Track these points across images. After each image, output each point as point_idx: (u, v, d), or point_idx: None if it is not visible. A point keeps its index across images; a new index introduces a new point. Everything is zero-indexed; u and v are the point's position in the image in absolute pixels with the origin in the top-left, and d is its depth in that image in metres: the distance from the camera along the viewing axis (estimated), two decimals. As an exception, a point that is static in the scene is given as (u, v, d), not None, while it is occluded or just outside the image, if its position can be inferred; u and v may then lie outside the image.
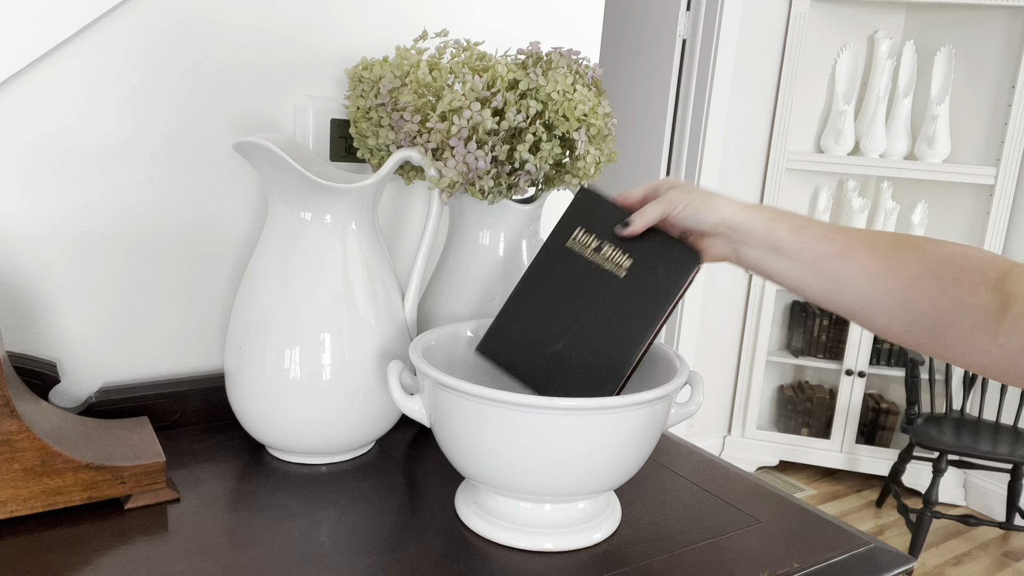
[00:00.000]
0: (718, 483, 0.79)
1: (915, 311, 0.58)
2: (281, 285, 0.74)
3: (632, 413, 0.61)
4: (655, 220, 0.66)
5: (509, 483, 0.63)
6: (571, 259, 0.69)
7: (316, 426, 0.75)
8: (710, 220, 0.64)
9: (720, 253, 0.66)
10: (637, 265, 0.66)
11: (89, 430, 0.72)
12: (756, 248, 0.64)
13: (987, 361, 0.55)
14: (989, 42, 2.54)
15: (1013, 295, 0.54)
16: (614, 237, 0.68)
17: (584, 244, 0.69)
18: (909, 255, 0.59)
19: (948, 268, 0.57)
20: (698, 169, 2.56)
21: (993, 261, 0.57)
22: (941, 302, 0.56)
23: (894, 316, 0.59)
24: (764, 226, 0.63)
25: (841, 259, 0.60)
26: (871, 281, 0.59)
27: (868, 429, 2.80)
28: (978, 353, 0.55)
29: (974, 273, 0.56)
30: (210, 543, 0.64)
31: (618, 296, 0.66)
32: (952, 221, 2.67)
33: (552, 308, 0.68)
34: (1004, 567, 2.34)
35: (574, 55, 0.78)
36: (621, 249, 0.67)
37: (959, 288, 0.56)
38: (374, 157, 0.82)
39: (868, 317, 0.61)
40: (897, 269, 0.58)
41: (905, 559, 0.67)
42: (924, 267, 0.58)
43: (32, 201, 0.76)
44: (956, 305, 0.56)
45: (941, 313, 0.56)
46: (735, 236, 0.64)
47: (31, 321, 0.78)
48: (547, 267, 0.70)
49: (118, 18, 0.76)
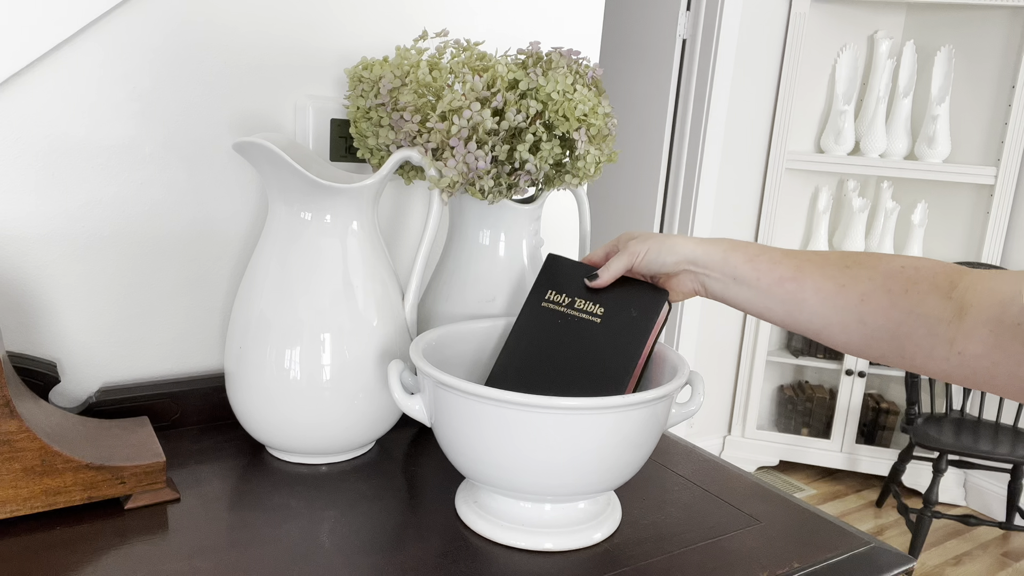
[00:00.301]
0: (718, 483, 0.79)
1: (871, 324, 0.60)
2: (281, 285, 0.74)
3: (632, 413, 0.61)
4: (620, 272, 0.71)
5: (509, 483, 0.63)
6: (549, 316, 0.73)
7: (316, 426, 0.75)
8: (671, 260, 0.68)
9: (689, 288, 0.70)
10: (610, 311, 0.71)
11: (89, 430, 0.72)
12: (718, 280, 0.67)
13: (948, 368, 0.57)
14: (989, 42, 2.54)
15: (967, 304, 0.56)
16: (584, 292, 0.72)
17: (558, 302, 0.73)
18: (858, 272, 0.62)
19: (897, 281, 0.59)
20: (698, 169, 2.56)
21: (943, 271, 0.58)
22: (893, 313, 0.59)
23: (853, 332, 0.62)
24: (721, 257, 0.67)
25: (795, 282, 0.64)
26: (825, 300, 0.62)
27: (868, 429, 2.80)
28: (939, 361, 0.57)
29: (923, 283, 0.58)
30: (210, 543, 0.64)
31: (598, 338, 0.70)
32: (952, 221, 2.67)
33: (540, 359, 0.71)
34: (1004, 567, 2.34)
35: (574, 55, 0.78)
36: (592, 301, 0.72)
37: (909, 299, 0.58)
38: (374, 157, 0.82)
39: (829, 335, 0.64)
40: (848, 287, 0.61)
41: (905, 559, 0.67)
42: (873, 282, 0.60)
43: (32, 201, 0.76)
44: (908, 315, 0.58)
45: (896, 324, 0.59)
46: (697, 270, 0.68)
47: (31, 321, 0.78)
48: (529, 326, 0.73)
49: (119, 18, 0.76)
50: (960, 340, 0.55)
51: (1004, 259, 2.53)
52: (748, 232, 2.74)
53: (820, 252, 0.65)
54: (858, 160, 2.61)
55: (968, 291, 0.56)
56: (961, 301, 0.56)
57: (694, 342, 2.71)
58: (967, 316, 0.55)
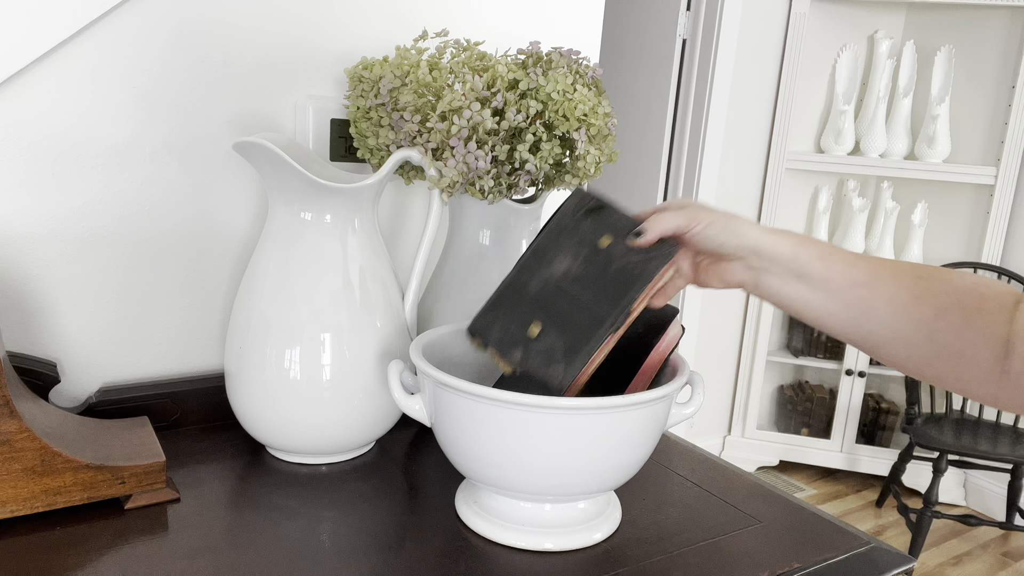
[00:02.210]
0: (718, 483, 0.79)
1: (940, 342, 0.56)
2: (281, 285, 0.74)
3: (632, 413, 0.61)
4: (672, 231, 0.63)
5: (509, 483, 0.63)
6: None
7: (316, 426, 0.75)
8: (733, 243, 0.61)
9: (737, 279, 0.63)
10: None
11: (89, 430, 0.72)
12: (778, 275, 0.61)
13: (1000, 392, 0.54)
14: (989, 42, 2.54)
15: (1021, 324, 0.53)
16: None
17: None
18: (935, 284, 0.57)
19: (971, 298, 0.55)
20: (698, 169, 2.56)
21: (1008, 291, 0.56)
22: (967, 333, 0.55)
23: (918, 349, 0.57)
24: (790, 252, 0.60)
25: (868, 288, 0.58)
26: (899, 311, 0.57)
27: (868, 429, 2.80)
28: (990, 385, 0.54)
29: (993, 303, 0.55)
30: (210, 543, 0.64)
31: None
32: (952, 221, 2.67)
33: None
34: (1004, 567, 2.34)
35: (574, 55, 0.78)
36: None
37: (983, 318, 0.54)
38: (374, 157, 0.82)
39: (890, 351, 0.59)
40: (924, 299, 0.56)
41: (905, 559, 0.67)
42: (950, 297, 0.56)
43: (32, 201, 0.76)
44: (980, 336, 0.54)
45: (965, 344, 0.55)
46: (757, 262, 0.61)
47: (31, 321, 0.78)
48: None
49: (119, 18, 0.76)
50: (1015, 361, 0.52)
51: (1004, 259, 2.53)
52: (748, 232, 2.74)
53: (889, 260, 0.60)
54: (858, 160, 2.60)
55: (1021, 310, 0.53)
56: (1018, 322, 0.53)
57: (694, 342, 2.71)
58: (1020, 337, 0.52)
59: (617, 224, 0.65)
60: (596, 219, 0.66)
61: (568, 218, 0.67)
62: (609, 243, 0.64)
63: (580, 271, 0.63)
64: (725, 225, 0.61)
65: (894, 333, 0.58)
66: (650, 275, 0.62)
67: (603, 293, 0.62)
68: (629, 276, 0.62)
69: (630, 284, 0.62)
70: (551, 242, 0.66)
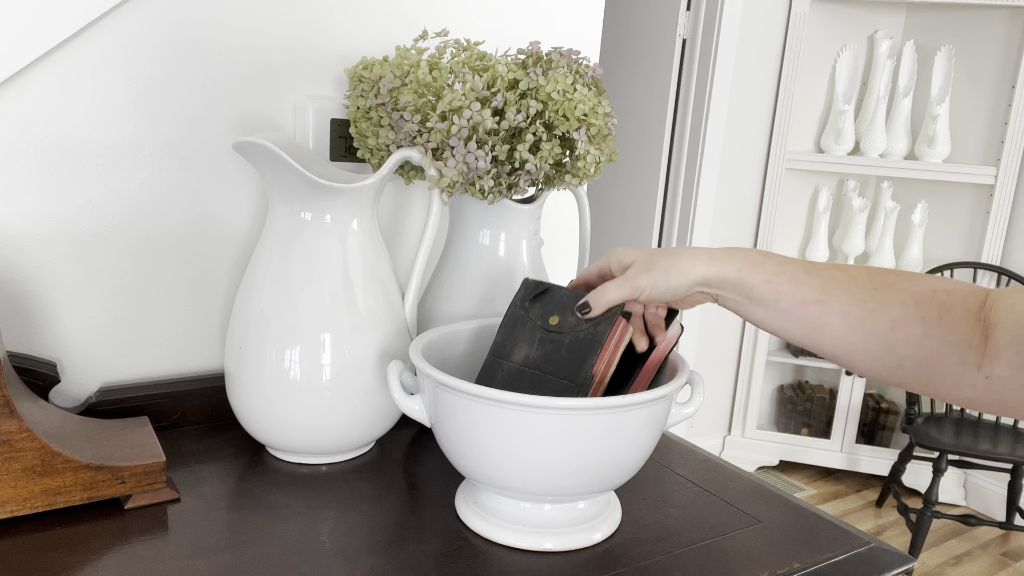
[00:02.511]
0: (718, 483, 0.79)
1: (900, 353, 0.56)
2: (281, 285, 0.74)
3: (632, 413, 0.61)
4: (616, 302, 0.64)
5: (509, 483, 0.63)
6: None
7: (316, 426, 0.75)
8: (684, 286, 0.62)
9: (700, 302, 0.66)
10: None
11: (89, 430, 0.72)
12: (731, 299, 0.63)
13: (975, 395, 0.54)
14: (989, 42, 2.54)
15: (992, 324, 0.53)
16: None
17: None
18: (889, 296, 0.57)
19: (930, 307, 0.55)
20: (698, 168, 2.56)
21: (972, 291, 0.55)
22: (926, 343, 0.55)
23: (877, 359, 0.58)
24: (736, 277, 0.61)
25: (818, 305, 0.59)
26: (852, 326, 0.58)
27: (868, 429, 2.80)
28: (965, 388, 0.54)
29: (956, 309, 0.55)
30: (210, 543, 0.64)
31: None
32: (952, 221, 2.67)
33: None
34: (1004, 567, 2.34)
35: (574, 55, 0.78)
36: None
37: (943, 327, 0.54)
38: (374, 157, 0.82)
39: (850, 361, 0.59)
40: (878, 312, 0.57)
41: (905, 559, 0.67)
42: (906, 308, 0.56)
43: (32, 201, 0.76)
44: (941, 344, 0.54)
45: (927, 354, 0.55)
46: (710, 290, 0.63)
47: (31, 321, 0.78)
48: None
49: (119, 18, 0.76)
50: (987, 364, 0.52)
51: (1004, 259, 2.53)
52: (748, 232, 2.74)
53: (845, 268, 0.60)
54: (858, 160, 2.61)
55: (991, 310, 0.53)
56: (986, 321, 0.53)
57: (694, 342, 2.71)
58: (992, 337, 0.52)
59: (562, 301, 0.69)
60: (542, 303, 0.70)
61: (517, 309, 0.71)
62: (558, 321, 0.68)
63: (539, 353, 0.67)
64: (668, 274, 0.62)
65: (850, 346, 0.58)
66: (600, 340, 0.64)
67: (563, 366, 0.65)
68: (583, 345, 0.65)
69: (586, 353, 0.65)
70: (507, 336, 0.70)
